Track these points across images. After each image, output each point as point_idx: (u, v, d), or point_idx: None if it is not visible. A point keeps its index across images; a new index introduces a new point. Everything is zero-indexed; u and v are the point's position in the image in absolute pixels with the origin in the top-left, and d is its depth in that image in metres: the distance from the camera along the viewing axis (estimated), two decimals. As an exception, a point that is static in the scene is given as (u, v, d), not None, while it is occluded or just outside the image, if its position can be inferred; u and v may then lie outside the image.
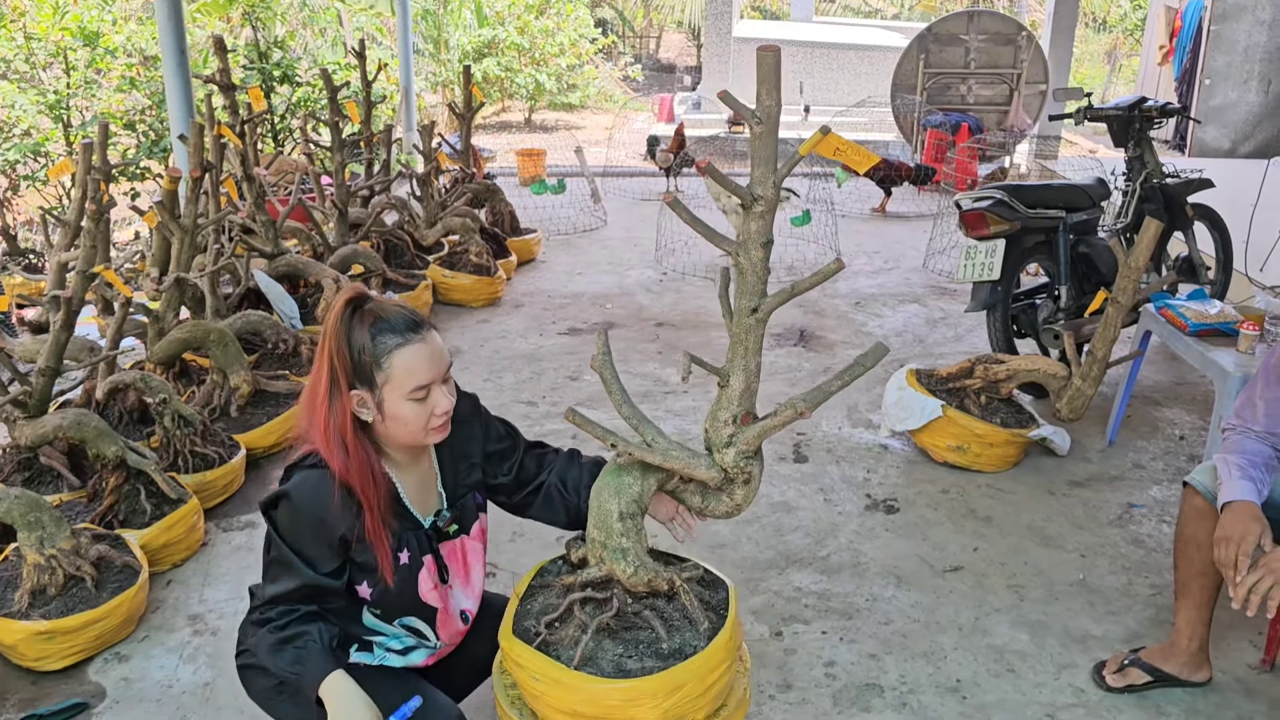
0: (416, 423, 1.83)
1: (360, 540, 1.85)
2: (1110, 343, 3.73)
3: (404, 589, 1.91)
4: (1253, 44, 10.72)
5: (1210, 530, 2.44)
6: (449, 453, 2.03)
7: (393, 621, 1.96)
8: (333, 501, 1.81)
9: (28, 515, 2.79)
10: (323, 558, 1.85)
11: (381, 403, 1.81)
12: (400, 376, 1.79)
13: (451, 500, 2.02)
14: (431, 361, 1.82)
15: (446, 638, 2.03)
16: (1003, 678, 2.74)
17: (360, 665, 1.97)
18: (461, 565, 2.03)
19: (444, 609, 1.99)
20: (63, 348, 3.26)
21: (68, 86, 7.75)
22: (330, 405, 1.80)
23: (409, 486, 1.94)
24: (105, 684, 2.71)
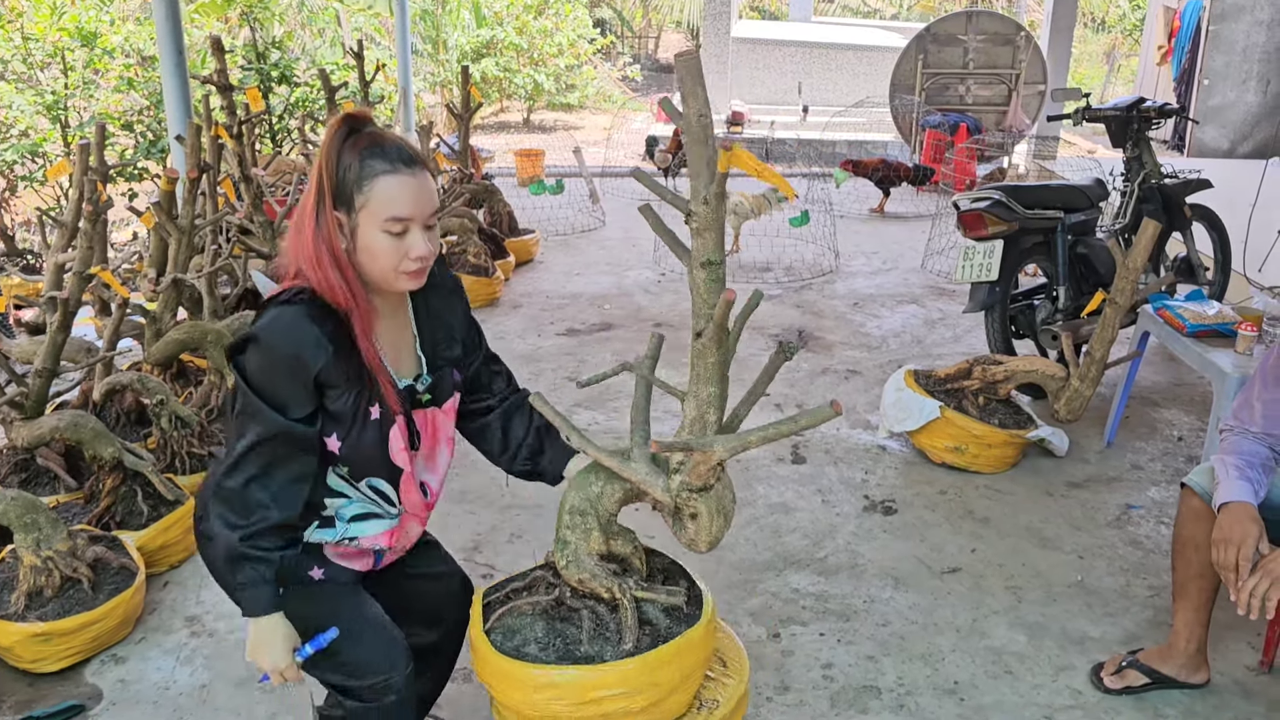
0: (387, 259, 1.74)
1: (337, 383, 1.77)
2: (1108, 344, 3.73)
3: (373, 445, 1.84)
4: (1251, 44, 10.72)
5: (1208, 532, 2.44)
6: (429, 319, 1.97)
7: (360, 481, 1.88)
8: (309, 335, 1.72)
9: (24, 517, 2.79)
10: (295, 401, 1.75)
11: (356, 229, 1.74)
12: (378, 203, 1.72)
13: (431, 367, 1.95)
14: (416, 198, 1.75)
15: (409, 505, 1.96)
16: (1000, 679, 2.74)
17: (309, 581, 1.91)
18: (430, 435, 1.95)
19: (409, 473, 1.92)
20: (60, 349, 3.25)
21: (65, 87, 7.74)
22: (318, 220, 1.73)
23: (383, 338, 1.86)
24: (102, 686, 2.70)
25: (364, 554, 1.99)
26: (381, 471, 1.89)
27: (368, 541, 1.94)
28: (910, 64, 10.85)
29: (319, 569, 1.94)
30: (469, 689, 2.69)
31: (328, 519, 1.91)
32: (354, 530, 1.93)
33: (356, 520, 1.92)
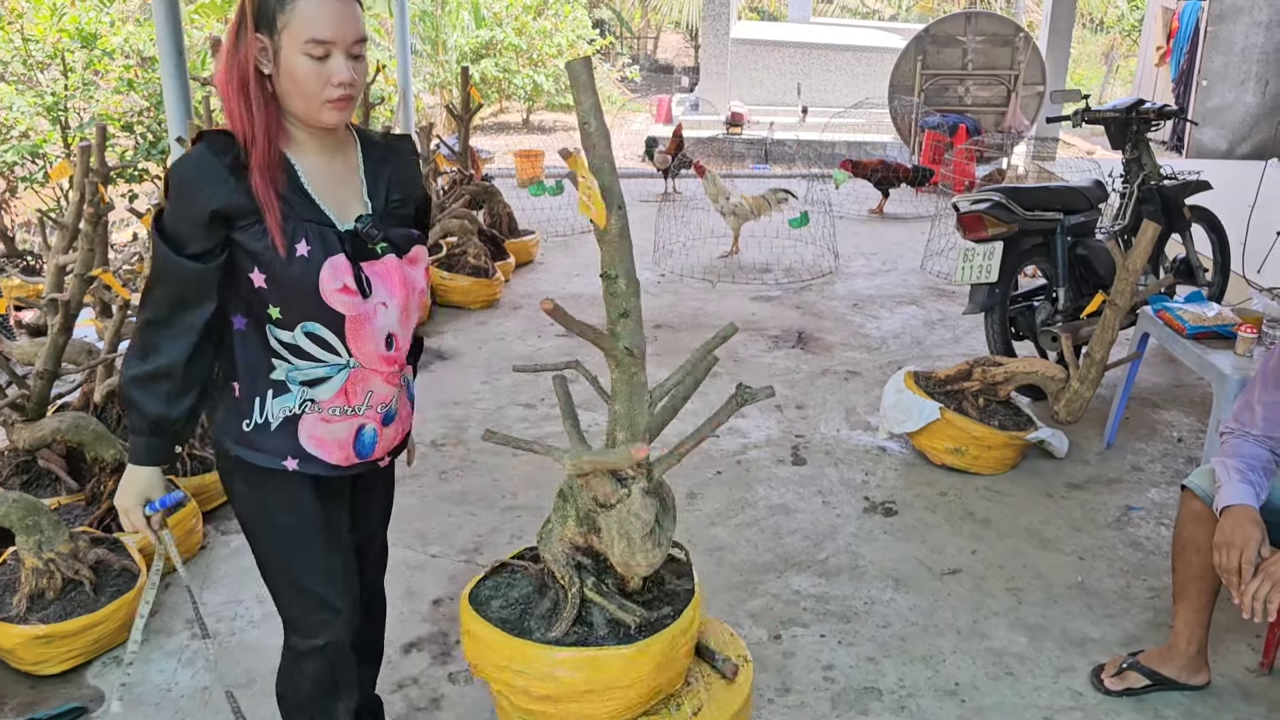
0: (309, 84, 1.70)
1: (244, 215, 1.72)
2: (1108, 345, 3.74)
3: (301, 281, 1.75)
4: (1250, 45, 10.73)
5: (1208, 534, 2.44)
6: (380, 167, 1.91)
7: (294, 327, 1.80)
8: (207, 169, 1.70)
9: (26, 519, 2.79)
10: (193, 237, 1.72)
11: (278, 52, 1.69)
12: (299, 24, 1.67)
13: (379, 215, 1.88)
14: (340, 20, 1.70)
15: (363, 356, 1.86)
16: (1001, 681, 2.74)
17: (284, 472, 1.87)
18: (398, 286, 1.86)
19: (358, 319, 1.82)
20: (61, 350, 3.25)
21: (65, 88, 7.74)
22: (236, 45, 1.70)
23: (315, 175, 1.80)
24: (104, 688, 2.71)
25: (342, 443, 1.89)
26: (319, 315, 1.79)
27: (328, 405, 1.86)
28: (909, 65, 10.86)
29: (292, 459, 1.87)
30: (470, 690, 2.69)
31: (280, 384, 1.84)
32: (310, 393, 1.84)
33: (309, 385, 1.84)
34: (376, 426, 1.93)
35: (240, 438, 1.86)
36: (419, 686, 2.71)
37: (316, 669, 1.99)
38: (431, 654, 2.85)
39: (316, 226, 1.77)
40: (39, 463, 3.40)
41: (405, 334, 1.92)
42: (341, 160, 1.86)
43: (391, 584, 3.12)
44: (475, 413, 4.47)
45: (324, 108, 1.73)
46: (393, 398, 1.94)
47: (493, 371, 5.02)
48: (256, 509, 1.92)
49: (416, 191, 1.97)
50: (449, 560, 3.32)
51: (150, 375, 1.77)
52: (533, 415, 4.48)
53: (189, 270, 1.73)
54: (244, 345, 1.83)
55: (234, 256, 1.76)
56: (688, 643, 2.34)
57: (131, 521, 1.85)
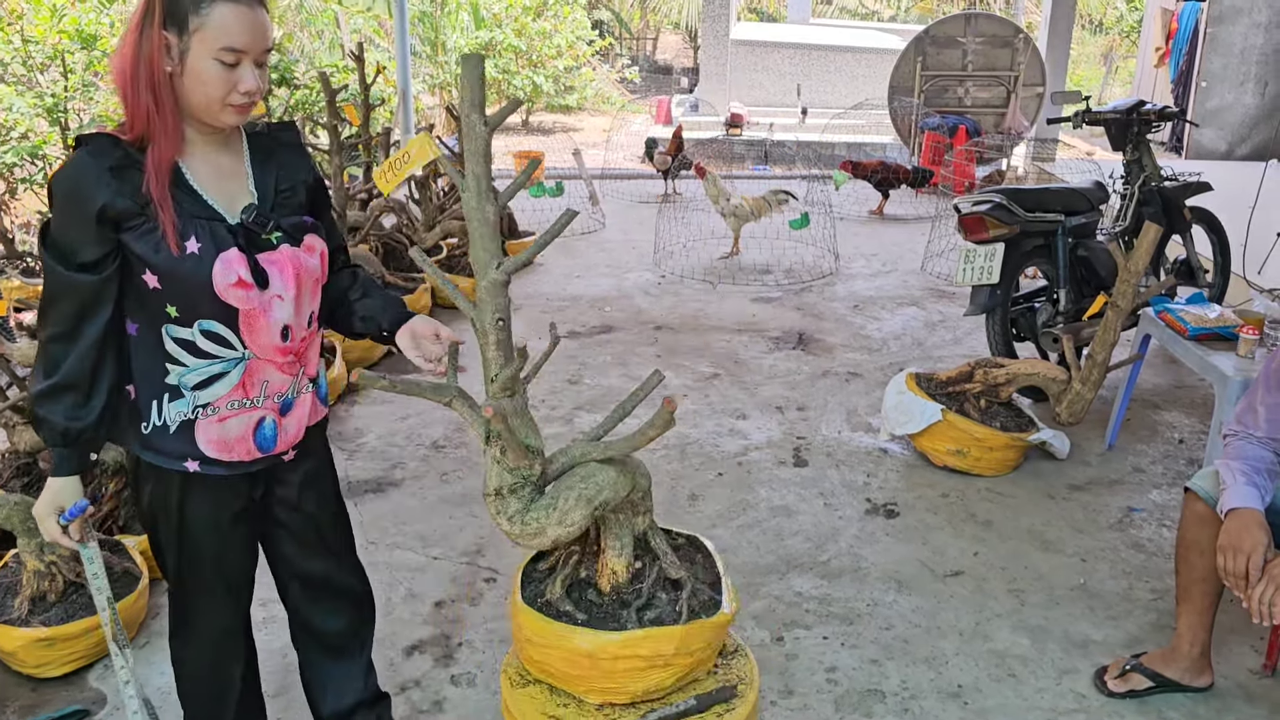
0: (216, 89, 1.71)
1: (132, 215, 1.71)
2: (1110, 346, 3.74)
3: (194, 277, 1.75)
4: (1249, 46, 10.73)
5: (1212, 536, 2.44)
6: (265, 158, 1.91)
7: (192, 324, 1.79)
8: (89, 173, 1.69)
9: (27, 521, 2.78)
10: (82, 244, 1.71)
11: (186, 53, 1.69)
12: (215, 30, 1.68)
13: (267, 205, 1.88)
14: (253, 31, 1.72)
15: (258, 349, 1.86)
16: (1004, 683, 2.74)
17: (185, 473, 1.88)
18: (292, 277, 1.86)
19: (252, 313, 1.82)
20: (62, 353, 3.25)
21: (65, 89, 7.73)
22: (141, 34, 1.68)
23: (201, 171, 1.80)
24: (106, 690, 2.70)
25: (241, 438, 1.89)
26: (213, 312, 1.79)
27: (223, 402, 1.86)
28: (909, 66, 10.86)
29: (193, 461, 1.88)
30: (472, 693, 2.69)
31: (174, 389, 1.84)
32: (202, 397, 1.84)
33: (200, 387, 1.84)
34: (275, 418, 1.93)
35: (142, 440, 1.88)
36: (421, 689, 2.71)
37: (207, 659, 2.11)
38: (434, 656, 2.84)
39: (206, 222, 1.78)
40: (40, 465, 3.40)
41: (300, 323, 1.92)
42: (227, 154, 1.86)
43: (393, 586, 3.14)
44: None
45: (225, 110, 1.75)
46: (289, 387, 1.94)
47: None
48: (163, 508, 1.94)
49: (306, 177, 1.98)
50: (450, 562, 3.32)
51: (55, 389, 1.77)
52: (534, 416, 4.47)
53: (83, 283, 1.73)
54: (138, 350, 1.84)
55: (125, 261, 1.76)
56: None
57: (47, 530, 1.86)
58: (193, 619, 2.06)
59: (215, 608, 2.05)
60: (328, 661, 2.29)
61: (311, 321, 1.97)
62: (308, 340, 1.96)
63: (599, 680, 2.25)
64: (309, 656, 2.30)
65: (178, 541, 1.96)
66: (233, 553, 2.02)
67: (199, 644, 2.09)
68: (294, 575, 2.18)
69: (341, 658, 2.29)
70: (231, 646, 2.12)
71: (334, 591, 2.23)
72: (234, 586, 2.06)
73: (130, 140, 1.73)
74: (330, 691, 2.30)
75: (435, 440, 4.19)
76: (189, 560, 1.98)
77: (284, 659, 2.75)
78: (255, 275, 1.80)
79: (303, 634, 2.27)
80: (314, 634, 2.26)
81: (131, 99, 1.71)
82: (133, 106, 1.71)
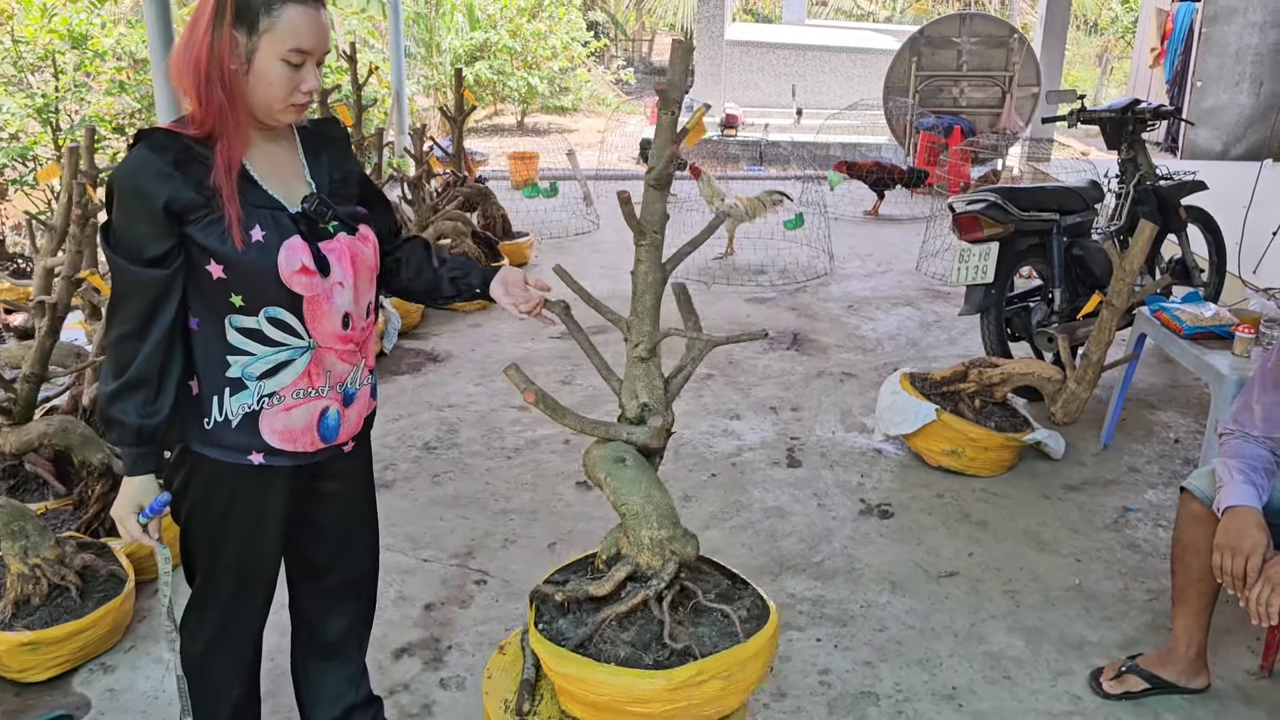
0: (281, 88, 1.74)
1: (196, 208, 1.72)
2: (1105, 346, 3.71)
3: (260, 265, 1.77)
4: (1244, 46, 10.72)
5: (1208, 536, 2.42)
6: (317, 150, 1.94)
7: (258, 313, 1.80)
8: (150, 167, 1.70)
9: (11, 524, 2.75)
10: (149, 240, 1.72)
11: (254, 53, 1.71)
12: (284, 32, 1.70)
13: (326, 195, 1.90)
14: (319, 33, 1.75)
15: (321, 337, 1.86)
16: (999, 685, 2.72)
17: (249, 466, 1.88)
18: (350, 265, 1.88)
19: (315, 299, 1.83)
20: (48, 354, 3.22)
21: (56, 90, 7.70)
22: (213, 34, 1.69)
23: (260, 162, 1.83)
24: (90, 695, 2.67)
25: (306, 428, 1.90)
26: (279, 299, 1.80)
27: (289, 391, 1.86)
28: (904, 66, 10.85)
29: (258, 454, 1.88)
30: (461, 696, 2.66)
31: (237, 382, 1.84)
32: (268, 387, 1.85)
33: (266, 377, 1.84)
34: (339, 408, 1.94)
35: (203, 436, 1.87)
36: (410, 693, 2.68)
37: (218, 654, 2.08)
38: (423, 659, 2.81)
39: (268, 212, 1.80)
40: (26, 467, 3.37)
41: (360, 312, 1.94)
42: (282, 146, 1.89)
43: (382, 588, 3.08)
44: (469, 415, 4.44)
45: (286, 110, 1.79)
46: (349, 377, 1.95)
47: (486, 374, 4.98)
48: (209, 504, 1.93)
49: (354, 168, 2.02)
50: (440, 565, 3.29)
51: (126, 387, 1.77)
52: (526, 418, 4.44)
53: (152, 279, 1.74)
54: (200, 344, 1.84)
55: (189, 253, 1.77)
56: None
57: (128, 530, 1.86)
58: (215, 618, 2.03)
59: (240, 608, 2.04)
60: (324, 665, 2.26)
61: (369, 311, 1.98)
62: (367, 330, 1.99)
63: None
64: (307, 660, 2.27)
65: (215, 541, 1.95)
66: (265, 556, 2.01)
67: (217, 643, 2.06)
68: (309, 574, 2.17)
69: (339, 661, 2.27)
70: (247, 648, 2.11)
71: (345, 589, 2.22)
72: (262, 587, 2.05)
73: (195, 135, 1.75)
74: (324, 696, 2.27)
75: (427, 441, 4.16)
76: (222, 561, 1.97)
77: (270, 662, 2.71)
78: (317, 262, 1.83)
79: (304, 636, 2.25)
80: (316, 637, 2.24)
81: (205, 96, 1.72)
82: (206, 103, 1.72)
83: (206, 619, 2.03)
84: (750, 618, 2.21)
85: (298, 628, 2.26)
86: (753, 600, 2.28)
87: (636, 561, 2.18)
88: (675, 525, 2.19)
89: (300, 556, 2.15)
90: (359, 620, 2.29)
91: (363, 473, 2.15)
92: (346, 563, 2.19)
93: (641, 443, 2.27)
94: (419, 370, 5.02)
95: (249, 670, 2.15)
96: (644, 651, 2.10)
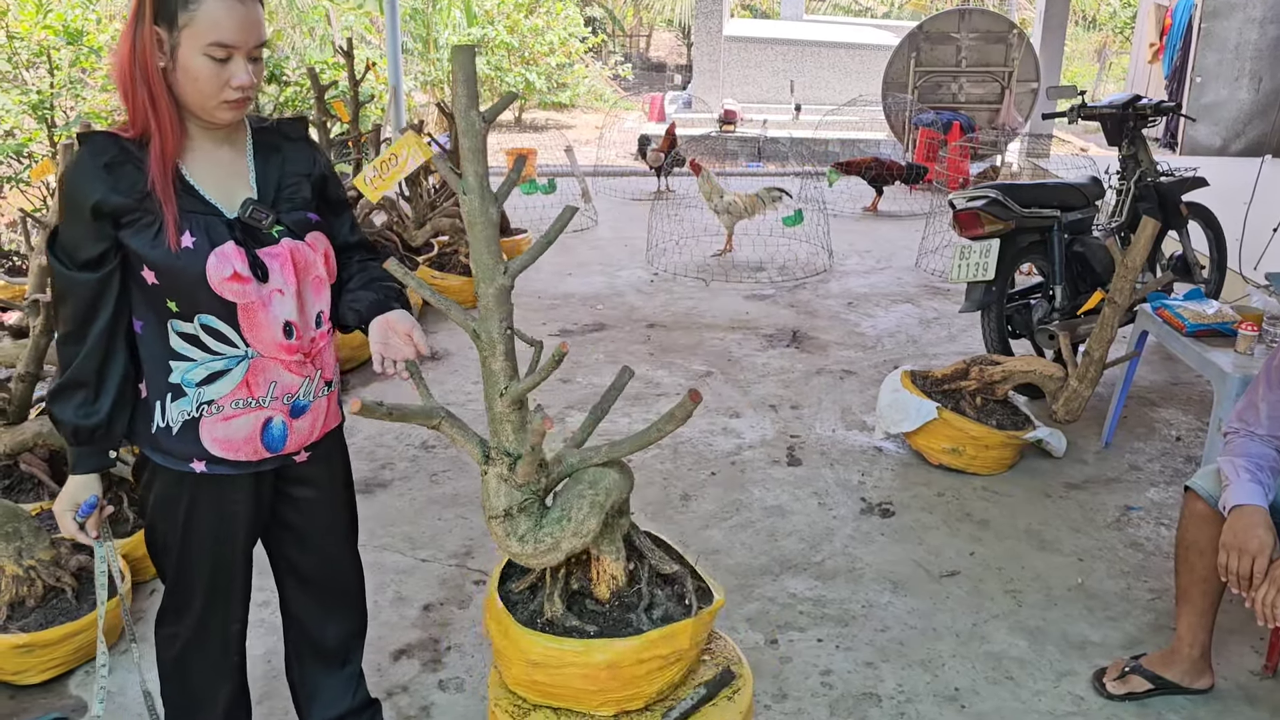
0: (208, 85, 1.70)
1: (129, 211, 1.71)
2: (1107, 343, 3.69)
3: (189, 272, 1.73)
4: (1244, 41, 10.70)
5: (1212, 536, 2.40)
6: (270, 154, 1.89)
7: (193, 319, 1.78)
8: (85, 170, 1.69)
9: (5, 525, 2.73)
10: (83, 242, 1.72)
11: (176, 48, 1.68)
12: (203, 25, 1.67)
13: (267, 201, 1.85)
14: (243, 26, 1.70)
15: (261, 346, 1.82)
16: (1001, 685, 2.70)
17: (190, 474, 1.87)
18: (292, 272, 1.83)
19: (250, 306, 1.79)
20: (43, 353, 3.19)
21: (52, 86, 7.66)
22: (135, 32, 1.68)
23: (198, 166, 1.79)
24: (86, 697, 2.65)
25: (248, 439, 1.86)
26: (210, 307, 1.77)
27: (227, 401, 1.83)
28: (903, 62, 10.82)
29: (200, 461, 1.86)
30: (460, 698, 2.64)
31: (177, 388, 1.82)
32: (207, 394, 1.82)
33: (204, 384, 1.82)
34: (285, 419, 1.90)
35: (150, 440, 1.87)
36: (409, 694, 2.66)
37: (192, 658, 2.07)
38: (421, 661, 2.79)
39: (201, 217, 1.77)
40: (21, 467, 3.34)
41: (306, 322, 1.89)
42: (228, 149, 1.85)
43: (380, 589, 3.08)
44: (467, 414, 4.41)
45: (220, 107, 1.75)
46: (300, 389, 1.90)
47: (484, 372, 4.96)
48: (169, 509, 1.92)
49: (311, 171, 1.94)
50: (439, 565, 3.27)
51: (64, 387, 1.79)
52: (525, 416, 4.42)
53: (85, 281, 1.74)
54: (145, 348, 1.83)
55: (125, 258, 1.76)
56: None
57: (65, 527, 1.86)
58: (190, 621, 2.02)
59: (210, 612, 2.02)
60: (320, 669, 2.24)
61: (321, 321, 1.93)
62: (319, 341, 1.93)
63: (616, 690, 2.17)
64: (302, 664, 2.25)
65: (180, 543, 1.94)
66: (234, 556, 1.99)
67: (195, 646, 2.04)
68: (298, 580, 2.15)
69: (334, 665, 2.25)
70: (229, 649, 2.08)
71: (335, 597, 2.20)
72: (231, 591, 2.03)
73: (132, 137, 1.73)
74: (320, 699, 2.25)
75: (424, 440, 4.13)
76: (189, 563, 1.96)
77: (268, 664, 2.69)
78: (255, 269, 1.79)
79: (298, 640, 2.23)
80: (310, 640, 2.22)
81: (131, 95, 1.71)
82: (132, 103, 1.71)
83: (182, 622, 2.02)
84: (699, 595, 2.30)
85: (290, 631, 2.24)
86: (697, 584, 2.34)
87: None
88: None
89: (285, 559, 2.13)
90: (353, 626, 2.27)
91: (335, 483, 2.11)
92: (333, 569, 2.17)
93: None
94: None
95: (233, 670, 2.12)
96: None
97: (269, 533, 2.08)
